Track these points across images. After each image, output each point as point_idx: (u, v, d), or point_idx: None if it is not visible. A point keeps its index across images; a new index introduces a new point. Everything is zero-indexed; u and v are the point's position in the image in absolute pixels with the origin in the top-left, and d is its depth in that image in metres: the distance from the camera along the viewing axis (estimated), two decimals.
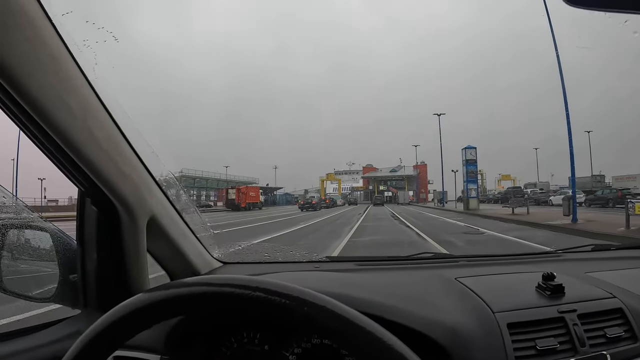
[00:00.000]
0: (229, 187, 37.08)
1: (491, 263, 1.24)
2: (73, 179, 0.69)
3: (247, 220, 16.04)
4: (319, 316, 0.41)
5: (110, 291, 0.76)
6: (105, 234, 0.76)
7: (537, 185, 41.09)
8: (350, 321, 0.41)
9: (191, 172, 49.51)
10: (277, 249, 1.58)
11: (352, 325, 0.41)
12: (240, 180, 54.09)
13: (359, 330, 0.41)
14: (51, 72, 0.54)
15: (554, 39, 11.10)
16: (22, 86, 0.50)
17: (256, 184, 55.34)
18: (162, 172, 0.91)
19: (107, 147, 0.67)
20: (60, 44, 0.55)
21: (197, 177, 51.60)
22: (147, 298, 0.45)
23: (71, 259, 0.77)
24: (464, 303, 0.77)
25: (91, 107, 0.63)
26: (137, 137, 0.76)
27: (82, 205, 0.76)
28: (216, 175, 53.81)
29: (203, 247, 1.08)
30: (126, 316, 0.44)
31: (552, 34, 11.12)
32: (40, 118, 0.54)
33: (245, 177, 57.25)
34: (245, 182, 52.52)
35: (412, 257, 1.31)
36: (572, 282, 0.83)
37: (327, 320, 0.41)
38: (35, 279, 0.81)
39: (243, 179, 56.14)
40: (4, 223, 0.74)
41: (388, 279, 1.01)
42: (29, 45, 0.49)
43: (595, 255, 1.33)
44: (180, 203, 0.97)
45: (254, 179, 59.20)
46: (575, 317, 0.72)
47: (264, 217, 19.04)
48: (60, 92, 0.56)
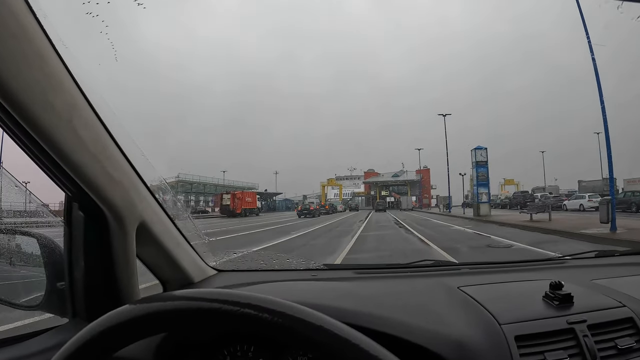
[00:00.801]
0: (223, 192, 35.66)
1: (494, 270, 1.21)
2: (59, 182, 0.66)
3: (233, 228, 14.60)
4: (309, 334, 0.41)
5: (99, 300, 0.74)
6: (93, 241, 0.73)
7: (546, 189, 39.62)
8: (339, 336, 0.41)
9: (188, 177, 48.95)
10: (273, 256, 1.60)
11: (341, 341, 0.40)
12: (238, 185, 53.88)
13: (350, 348, 0.40)
14: (36, 70, 0.52)
15: (587, 36, 9.76)
16: (5, 83, 0.48)
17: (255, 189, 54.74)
18: (155, 176, 0.88)
19: (94, 149, 0.64)
20: (46, 42, 0.53)
21: (194, 182, 51.11)
22: (131, 311, 0.43)
23: (59, 266, 0.75)
24: (468, 314, 0.74)
25: (78, 107, 0.61)
26: (127, 140, 0.74)
27: (69, 211, 0.73)
28: (214, 180, 53.37)
29: (197, 255, 1.05)
30: (109, 330, 0.42)
31: (585, 31, 9.82)
32: (22, 117, 0.52)
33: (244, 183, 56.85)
34: (244, 187, 52.25)
35: (412, 264, 1.29)
36: (580, 291, 0.81)
37: (317, 337, 0.41)
38: (23, 286, 0.79)
39: (242, 184, 55.74)
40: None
41: (388, 288, 0.96)
42: (13, 41, 0.48)
43: (600, 262, 1.30)
44: (172, 209, 0.94)
45: (254, 184, 58.86)
46: (585, 328, 0.69)
47: (255, 224, 17.70)
48: (45, 91, 0.54)
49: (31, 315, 1.12)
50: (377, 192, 61.09)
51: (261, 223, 18.49)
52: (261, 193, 51.34)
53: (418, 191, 57.83)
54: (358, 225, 15.61)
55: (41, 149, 0.57)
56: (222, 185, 51.33)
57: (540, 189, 40.45)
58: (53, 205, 1.04)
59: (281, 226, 15.87)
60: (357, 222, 17.83)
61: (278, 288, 0.92)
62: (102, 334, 0.42)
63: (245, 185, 53.87)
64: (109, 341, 0.42)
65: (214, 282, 1.06)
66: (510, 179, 52.73)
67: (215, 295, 0.43)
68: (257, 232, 12.72)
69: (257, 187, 57.42)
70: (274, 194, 57.58)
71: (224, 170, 54.72)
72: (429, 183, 58.85)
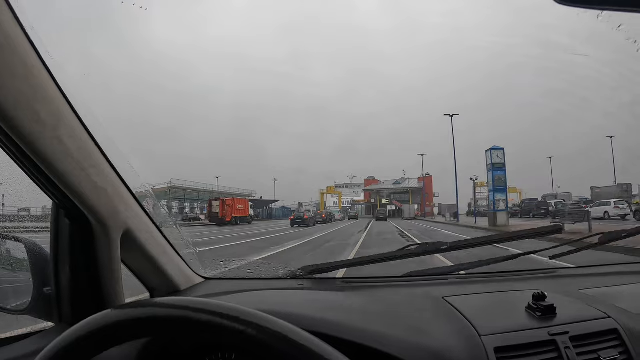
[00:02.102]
0: (212, 198, 33.39)
1: (481, 280, 1.19)
2: (46, 190, 0.67)
3: (212, 239, 12.33)
4: (274, 344, 0.42)
5: (85, 305, 0.75)
6: (79, 247, 0.74)
7: (559, 196, 37.41)
8: (304, 346, 0.42)
9: (181, 182, 47.19)
10: (260, 265, 1.73)
11: (305, 350, 0.41)
12: (234, 192, 52.12)
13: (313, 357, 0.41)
14: (21, 79, 0.53)
15: None
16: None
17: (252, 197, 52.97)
18: (140, 184, 0.89)
19: (78, 157, 0.65)
20: (31, 51, 0.54)
21: (187, 188, 49.35)
22: (109, 316, 0.44)
23: (46, 271, 0.76)
24: (451, 325, 0.74)
25: (64, 116, 0.61)
26: (113, 148, 0.75)
27: (56, 217, 0.75)
28: (209, 187, 51.74)
29: (183, 262, 1.05)
30: (89, 334, 0.44)
31: None
32: (8, 126, 0.53)
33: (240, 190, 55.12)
34: (240, 194, 50.46)
35: (399, 276, 1.21)
36: (564, 301, 0.81)
37: (280, 346, 0.42)
38: (10, 291, 0.80)
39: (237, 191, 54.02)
40: None
41: (373, 299, 0.97)
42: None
43: (589, 271, 1.30)
44: (159, 216, 0.95)
45: (251, 192, 57.10)
46: (567, 339, 0.69)
47: (241, 234, 15.57)
48: (30, 101, 0.54)
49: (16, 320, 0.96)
50: (378, 200, 59.79)
51: (248, 233, 16.33)
52: (256, 200, 49.54)
53: (420, 199, 56.03)
54: (357, 237, 13.27)
55: (27, 157, 0.58)
56: (216, 192, 49.61)
57: (551, 196, 38.41)
58: (35, 211, 0.96)
59: (267, 237, 13.57)
60: (355, 234, 15.54)
61: (263, 297, 0.93)
62: (83, 338, 0.43)
63: (241, 193, 52.51)
64: (89, 345, 0.43)
65: (200, 290, 1.05)
66: (512, 187, 50.78)
67: (186, 303, 0.44)
68: (234, 245, 10.63)
69: (254, 194, 55.92)
70: (271, 201, 55.54)
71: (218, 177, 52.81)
72: (431, 191, 57.30)
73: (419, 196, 56.95)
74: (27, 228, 0.96)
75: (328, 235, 14.97)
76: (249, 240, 12.40)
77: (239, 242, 11.71)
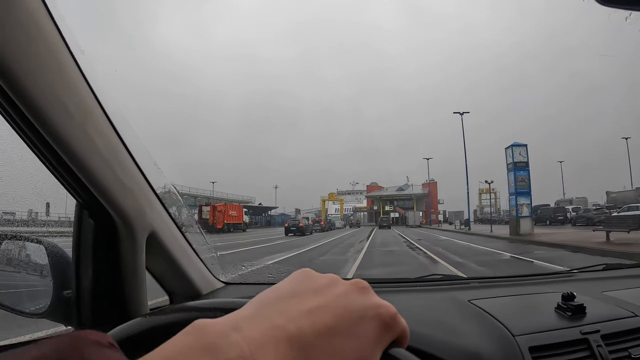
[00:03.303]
0: (202, 204, 31.32)
1: (503, 284, 1.18)
2: (70, 189, 0.66)
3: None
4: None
5: (106, 310, 0.72)
6: (102, 249, 0.72)
7: (573, 202, 35.13)
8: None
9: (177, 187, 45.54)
10: (282, 270, 1.68)
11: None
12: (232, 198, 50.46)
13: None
14: (53, 73, 0.52)
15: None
16: (22, 86, 0.48)
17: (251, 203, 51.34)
18: (165, 184, 0.88)
19: (107, 156, 0.64)
20: (62, 45, 0.54)
21: (184, 193, 47.53)
22: (147, 323, 0.43)
23: (66, 274, 0.73)
24: (481, 326, 0.74)
25: (92, 113, 0.61)
26: (140, 147, 0.74)
27: (79, 218, 0.72)
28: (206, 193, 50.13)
29: (205, 266, 1.03)
30: (129, 338, 0.42)
31: None
32: (39, 122, 0.52)
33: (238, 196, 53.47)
34: (238, 200, 48.85)
35: (422, 278, 1.25)
36: (592, 301, 0.80)
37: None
38: (29, 294, 0.78)
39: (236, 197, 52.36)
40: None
41: (399, 302, 0.84)
42: (31, 45, 0.48)
43: (608, 274, 1.30)
44: (181, 219, 0.93)
45: (250, 198, 55.44)
46: (599, 337, 0.69)
47: (220, 243, 13.31)
48: (60, 95, 0.54)
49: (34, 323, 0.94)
50: (381, 206, 57.92)
51: (233, 242, 14.21)
52: (254, 207, 47.69)
53: (424, 206, 53.96)
54: (357, 249, 11.13)
55: (55, 155, 0.57)
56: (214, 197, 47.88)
57: (566, 201, 36.36)
58: (20, 214, 0.93)
59: (249, 249, 11.41)
60: (355, 244, 13.43)
61: None
62: (123, 342, 0.41)
63: (240, 199, 50.83)
64: (126, 350, 0.42)
65: (221, 294, 1.05)
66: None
67: (230, 304, 0.41)
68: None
69: (254, 200, 54.25)
70: (269, 208, 53.60)
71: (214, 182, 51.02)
72: (436, 197, 55.24)
73: (424, 203, 54.85)
74: (46, 233, 0.96)
75: (323, 247, 12.79)
76: (225, 253, 10.30)
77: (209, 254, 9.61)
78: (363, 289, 0.29)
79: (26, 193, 0.72)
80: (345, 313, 0.26)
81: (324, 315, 0.25)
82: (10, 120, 0.52)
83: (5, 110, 0.50)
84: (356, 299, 0.28)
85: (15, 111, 0.50)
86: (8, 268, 0.75)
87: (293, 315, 0.25)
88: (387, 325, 0.27)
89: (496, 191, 50.84)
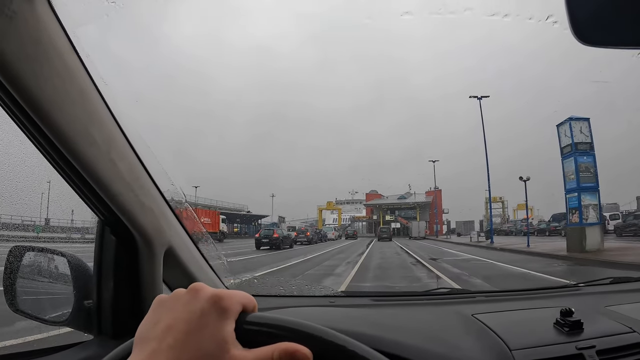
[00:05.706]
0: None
1: (508, 298, 1.21)
2: (94, 208, 0.71)
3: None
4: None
5: (125, 320, 0.77)
6: (122, 263, 0.77)
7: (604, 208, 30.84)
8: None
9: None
10: (291, 282, 1.69)
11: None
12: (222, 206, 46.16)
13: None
14: (79, 105, 0.56)
15: None
16: (52, 119, 0.52)
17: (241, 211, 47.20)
18: (182, 202, 0.96)
19: (128, 178, 0.69)
20: (87, 78, 0.58)
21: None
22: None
23: (87, 285, 0.78)
24: (481, 340, 0.77)
25: (115, 139, 0.66)
26: (159, 170, 0.80)
27: (101, 234, 0.78)
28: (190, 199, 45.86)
29: (218, 279, 1.08)
30: None
31: None
32: (67, 150, 0.57)
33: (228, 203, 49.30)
34: (230, 208, 44.76)
35: (428, 292, 1.30)
36: (590, 317, 0.82)
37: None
38: (50, 302, 0.83)
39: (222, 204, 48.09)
40: (23, 245, 0.77)
41: (405, 315, 1.00)
42: (58, 79, 0.52)
43: (614, 288, 1.30)
44: (195, 233, 0.98)
45: (242, 206, 51.14)
46: (594, 353, 0.71)
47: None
48: (86, 126, 0.58)
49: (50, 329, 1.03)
50: (381, 216, 53.70)
51: None
52: (240, 215, 43.47)
53: (428, 215, 49.90)
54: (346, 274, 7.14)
55: (81, 178, 0.62)
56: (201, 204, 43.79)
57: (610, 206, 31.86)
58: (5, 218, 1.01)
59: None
60: (342, 265, 9.34)
61: (297, 314, 0.95)
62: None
63: (232, 207, 46.69)
64: None
65: None
66: (521, 203, 44.37)
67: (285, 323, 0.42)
68: None
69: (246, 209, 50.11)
70: (259, 216, 49.21)
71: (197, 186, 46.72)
72: (440, 206, 51.15)
73: (427, 212, 50.71)
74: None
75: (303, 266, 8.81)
76: None
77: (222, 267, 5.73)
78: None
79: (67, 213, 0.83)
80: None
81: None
82: (43, 151, 0.58)
83: (36, 139, 0.55)
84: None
85: (47, 142, 0.55)
86: (31, 277, 0.78)
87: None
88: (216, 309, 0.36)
89: (504, 200, 47.58)
